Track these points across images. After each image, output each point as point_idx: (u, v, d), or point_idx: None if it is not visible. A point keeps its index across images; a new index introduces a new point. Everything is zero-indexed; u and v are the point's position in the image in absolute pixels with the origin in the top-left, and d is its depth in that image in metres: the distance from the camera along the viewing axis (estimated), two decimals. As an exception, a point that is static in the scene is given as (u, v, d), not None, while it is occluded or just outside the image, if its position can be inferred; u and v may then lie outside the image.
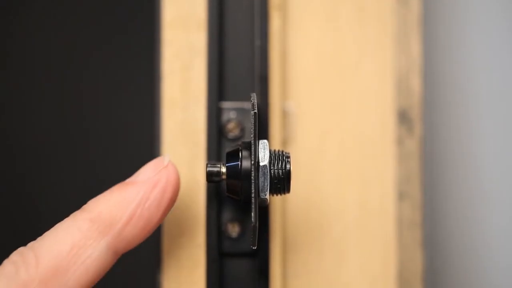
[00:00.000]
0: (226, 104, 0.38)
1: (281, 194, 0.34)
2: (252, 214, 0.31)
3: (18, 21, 0.56)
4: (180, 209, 0.37)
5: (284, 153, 0.33)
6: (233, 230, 0.37)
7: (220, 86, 0.38)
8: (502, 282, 0.53)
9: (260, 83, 0.38)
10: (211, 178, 0.33)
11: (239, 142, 0.35)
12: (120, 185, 0.32)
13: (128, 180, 0.33)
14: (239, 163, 0.33)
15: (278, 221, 0.38)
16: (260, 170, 0.32)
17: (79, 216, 0.31)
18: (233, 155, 0.33)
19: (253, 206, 0.31)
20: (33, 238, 0.31)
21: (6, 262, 0.30)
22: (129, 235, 0.31)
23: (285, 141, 0.39)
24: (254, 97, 0.33)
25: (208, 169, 0.33)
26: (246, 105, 0.38)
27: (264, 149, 0.33)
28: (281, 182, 0.33)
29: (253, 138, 0.32)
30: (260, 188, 0.32)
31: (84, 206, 0.32)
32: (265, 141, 0.33)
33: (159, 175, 0.32)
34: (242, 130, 0.38)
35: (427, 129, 0.48)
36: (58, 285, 0.29)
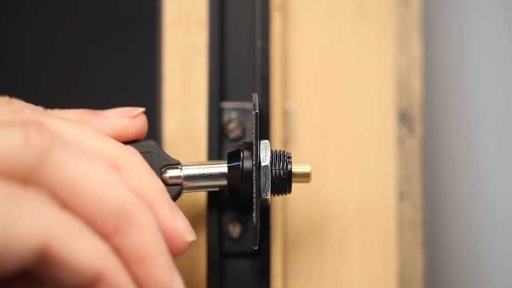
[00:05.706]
0: (227, 104, 0.38)
1: (282, 195, 0.34)
2: (254, 215, 0.31)
3: (18, 20, 0.56)
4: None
5: (285, 153, 0.33)
6: (234, 230, 0.37)
7: (221, 86, 0.38)
8: (502, 282, 0.53)
9: (261, 83, 0.38)
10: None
11: (240, 142, 0.35)
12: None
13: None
14: (241, 163, 0.32)
15: (279, 221, 0.38)
16: (262, 170, 0.32)
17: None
18: (234, 155, 0.33)
19: (254, 206, 0.31)
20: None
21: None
22: None
23: (286, 141, 0.39)
24: (255, 97, 0.33)
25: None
26: (247, 105, 0.38)
27: (265, 149, 0.33)
28: (283, 182, 0.33)
29: (254, 138, 0.32)
30: (262, 189, 0.32)
31: None
32: (267, 141, 0.33)
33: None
34: (243, 130, 0.38)
35: (428, 129, 0.48)
36: None
